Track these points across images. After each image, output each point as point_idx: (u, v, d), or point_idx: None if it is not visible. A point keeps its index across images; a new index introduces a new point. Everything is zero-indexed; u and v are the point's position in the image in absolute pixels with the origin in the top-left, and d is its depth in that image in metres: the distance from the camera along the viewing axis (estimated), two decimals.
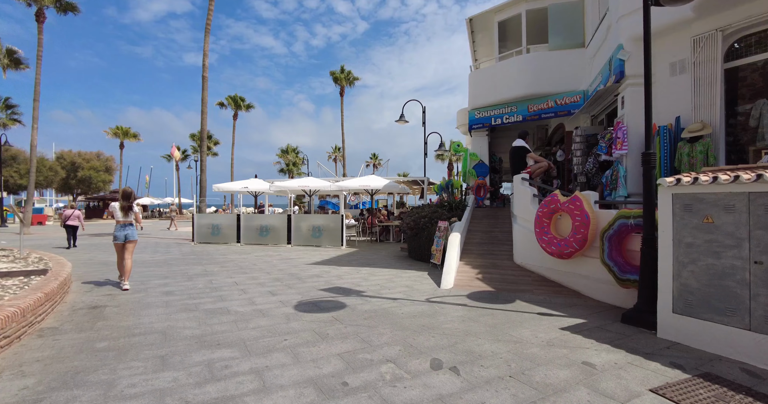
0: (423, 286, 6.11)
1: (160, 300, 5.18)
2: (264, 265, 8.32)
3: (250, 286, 6.11)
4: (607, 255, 4.86)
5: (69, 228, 12.71)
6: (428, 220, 8.68)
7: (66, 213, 13.09)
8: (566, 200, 5.54)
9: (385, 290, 5.84)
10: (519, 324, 4.22)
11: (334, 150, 51.28)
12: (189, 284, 6.28)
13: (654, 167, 4.21)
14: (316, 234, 12.14)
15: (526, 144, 7.54)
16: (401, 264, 8.41)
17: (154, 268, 7.89)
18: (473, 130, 11.36)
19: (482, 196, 10.88)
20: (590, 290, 5.37)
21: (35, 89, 18.44)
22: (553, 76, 10.03)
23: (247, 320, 4.30)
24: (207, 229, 13.34)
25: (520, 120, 10.60)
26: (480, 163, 11.16)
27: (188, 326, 4.10)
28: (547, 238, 5.76)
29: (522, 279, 6.22)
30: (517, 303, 5.10)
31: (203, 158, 16.50)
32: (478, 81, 11.51)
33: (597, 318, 4.46)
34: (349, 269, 7.76)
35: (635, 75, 6.55)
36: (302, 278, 6.78)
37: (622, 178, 6.52)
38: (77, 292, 5.61)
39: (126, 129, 37.94)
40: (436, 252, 7.90)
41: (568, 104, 9.87)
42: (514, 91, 10.51)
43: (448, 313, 4.60)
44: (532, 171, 7.23)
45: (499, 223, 9.14)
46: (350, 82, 37.85)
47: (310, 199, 17.89)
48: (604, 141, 7.27)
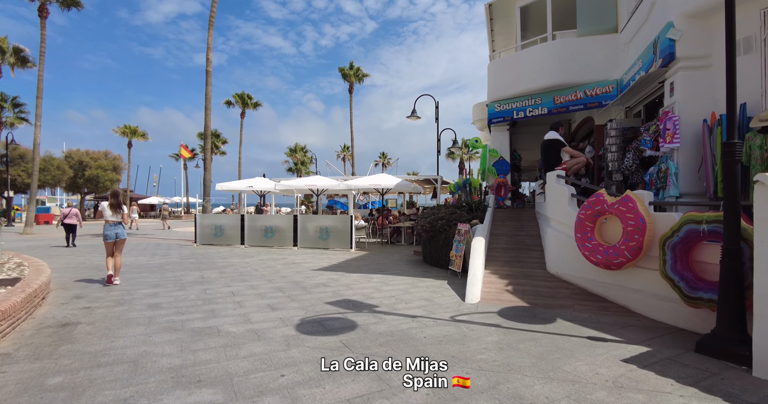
0: (444, 299, 5.34)
1: (142, 316, 4.49)
2: (266, 271, 7.62)
3: (248, 298, 5.40)
4: (671, 267, 4.04)
5: (67, 227, 12.50)
6: (446, 222, 7.90)
7: (63, 212, 12.80)
8: (615, 201, 4.72)
9: (402, 304, 5.08)
10: (570, 353, 3.43)
11: (343, 149, 50.61)
12: (180, 294, 5.59)
13: (739, 160, 3.39)
14: (324, 236, 11.44)
15: (560, 136, 6.71)
16: (416, 271, 7.65)
17: (147, 274, 7.24)
18: (493, 124, 10.53)
19: (503, 195, 10.05)
20: (644, 307, 4.55)
21: (38, 86, 18.04)
22: (582, 65, 9.15)
23: (239, 345, 3.58)
24: (210, 230, 12.74)
25: (545, 113, 9.74)
26: (501, 160, 10.33)
27: (167, 352, 3.39)
28: (591, 245, 4.94)
29: (559, 291, 5.41)
30: (559, 323, 4.30)
31: (207, 156, 15.91)
32: (498, 71, 10.67)
33: (663, 345, 3.65)
34: (359, 276, 7.02)
35: (690, 56, 5.69)
36: (307, 288, 6.06)
37: (673, 175, 5.67)
38: (52, 304, 4.95)
39: (134, 128, 37.72)
40: (456, 258, 7.12)
41: (599, 95, 8.98)
42: (539, 82, 9.66)
43: (481, 337, 3.82)
44: (567, 167, 6.40)
45: (525, 226, 8.32)
46: (359, 79, 37.11)
47: (317, 199, 17.23)
48: (648, 134, 6.41)
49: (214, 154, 45.15)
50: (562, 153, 6.63)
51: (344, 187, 13.10)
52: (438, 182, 14.02)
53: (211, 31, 15.59)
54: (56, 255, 10.17)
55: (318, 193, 14.28)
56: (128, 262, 8.74)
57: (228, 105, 40.51)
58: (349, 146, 45.54)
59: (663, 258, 4.12)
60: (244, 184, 14.12)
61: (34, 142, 18.37)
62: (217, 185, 14.16)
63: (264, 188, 14.60)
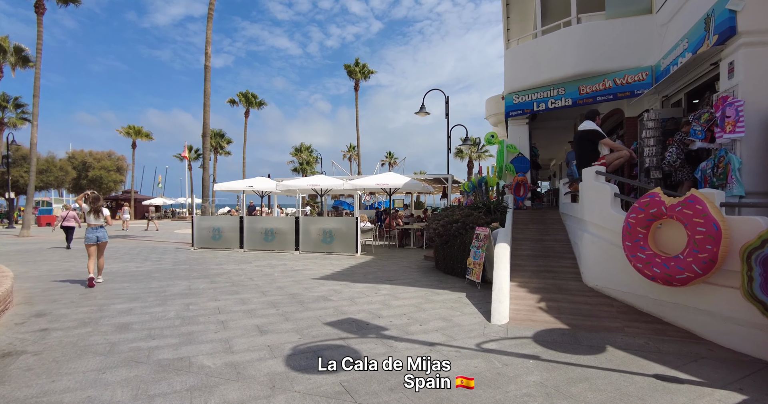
0: (466, 319, 4.51)
1: (104, 342, 3.73)
2: (262, 280, 6.85)
3: (235, 316, 4.63)
4: (759, 286, 3.18)
5: (66, 229, 12.40)
6: (461, 225, 7.07)
7: (62, 215, 12.66)
8: (676, 202, 3.86)
9: (415, 325, 4.27)
10: (640, 402, 2.60)
11: (348, 148, 49.88)
12: (158, 311, 4.84)
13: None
14: (327, 240, 10.66)
15: (598, 126, 5.83)
16: (429, 280, 6.83)
17: (130, 284, 6.51)
18: (511, 117, 9.66)
19: (522, 195, 9.18)
20: (716, 333, 3.69)
21: (35, 84, 17.52)
22: (612, 51, 8.26)
23: (211, 388, 2.80)
24: (208, 233, 12.03)
25: (569, 104, 8.85)
26: (519, 157, 9.46)
27: (116, 400, 2.62)
28: (645, 256, 4.09)
29: (602, 309, 4.56)
30: (611, 353, 3.46)
31: (206, 155, 15.24)
32: (516, 60, 9.79)
33: (756, 387, 2.81)
34: (365, 287, 6.23)
35: (755, 30, 4.81)
36: (305, 302, 5.27)
37: (736, 171, 4.78)
38: (4, 325, 4.23)
39: (138, 128, 37.32)
40: (474, 267, 6.29)
41: (630, 84, 8.08)
42: (562, 70, 8.78)
43: (519, 376, 2.99)
44: (607, 162, 5.53)
45: (550, 229, 7.45)
46: (365, 76, 36.32)
47: (322, 199, 16.48)
48: (699, 123, 5.53)
49: (219, 154, 44.66)
50: (600, 146, 5.75)
51: (349, 186, 12.30)
52: (449, 181, 13.17)
53: (210, 25, 14.91)
54: (43, 260, 9.53)
55: (322, 193, 13.52)
56: (116, 269, 8.05)
57: (232, 104, 39.95)
58: (354, 146, 44.84)
59: (748, 274, 3.26)
60: (243, 184, 13.40)
61: (31, 142, 17.90)
62: (215, 185, 13.45)
63: (265, 188, 13.87)
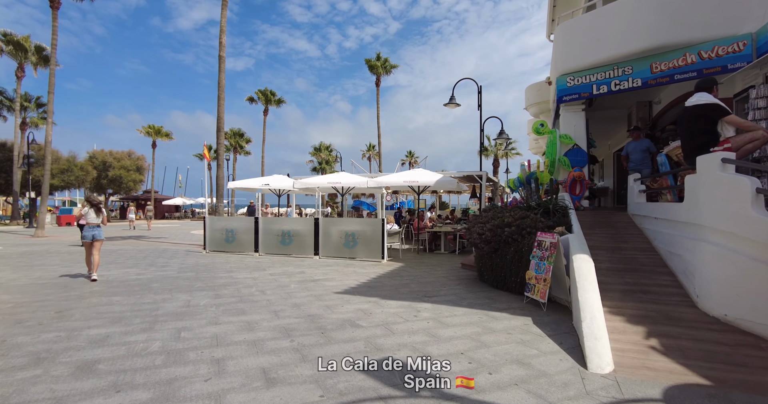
0: (549, 361, 3.24)
1: (47, 399, 2.64)
2: (275, 294, 5.74)
3: (235, 351, 3.49)
4: None
5: (81, 228, 11.93)
6: (516, 230, 5.78)
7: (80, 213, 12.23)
8: None
9: (483, 373, 3.03)
10: None
11: (368, 148, 48.80)
12: (140, 341, 3.75)
13: None
14: (350, 244, 9.51)
15: (717, 99, 4.44)
16: (477, 297, 5.57)
17: (119, 297, 5.50)
18: (564, 103, 8.25)
19: (579, 193, 7.78)
20: None
21: (50, 80, 17.08)
22: (695, 17, 6.80)
23: None
24: (221, 235, 11.08)
25: (638, 85, 7.40)
26: (575, 149, 8.06)
27: None
28: None
29: (748, 354, 3.21)
30: None
31: (220, 151, 14.35)
32: (570, 35, 8.38)
33: None
34: (400, 307, 5.01)
35: None
36: (327, 330, 4.10)
37: None
38: None
39: (158, 128, 37.20)
40: (538, 283, 5.00)
41: (721, 56, 6.60)
42: (630, 45, 7.33)
43: None
44: (735, 147, 4.15)
45: (624, 235, 6.07)
46: (387, 70, 35.09)
47: (343, 199, 15.38)
48: None
49: (239, 153, 44.35)
50: (721, 125, 4.35)
51: (374, 184, 11.09)
52: (483, 179, 11.81)
53: (224, 12, 14.02)
54: (40, 264, 8.74)
55: (343, 192, 12.40)
56: (114, 276, 7.12)
57: (251, 101, 39.45)
58: (375, 145, 43.77)
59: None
60: (259, 182, 12.41)
61: (46, 140, 17.52)
62: (229, 183, 12.51)
63: (282, 187, 12.85)
